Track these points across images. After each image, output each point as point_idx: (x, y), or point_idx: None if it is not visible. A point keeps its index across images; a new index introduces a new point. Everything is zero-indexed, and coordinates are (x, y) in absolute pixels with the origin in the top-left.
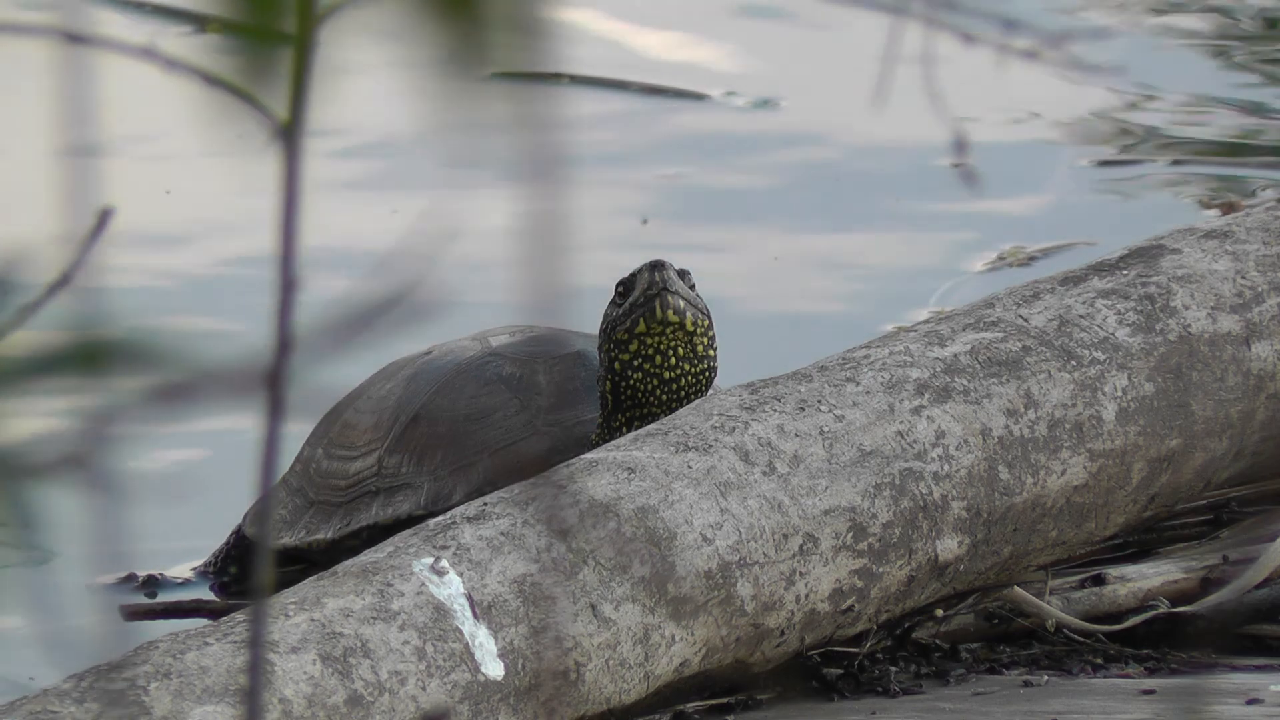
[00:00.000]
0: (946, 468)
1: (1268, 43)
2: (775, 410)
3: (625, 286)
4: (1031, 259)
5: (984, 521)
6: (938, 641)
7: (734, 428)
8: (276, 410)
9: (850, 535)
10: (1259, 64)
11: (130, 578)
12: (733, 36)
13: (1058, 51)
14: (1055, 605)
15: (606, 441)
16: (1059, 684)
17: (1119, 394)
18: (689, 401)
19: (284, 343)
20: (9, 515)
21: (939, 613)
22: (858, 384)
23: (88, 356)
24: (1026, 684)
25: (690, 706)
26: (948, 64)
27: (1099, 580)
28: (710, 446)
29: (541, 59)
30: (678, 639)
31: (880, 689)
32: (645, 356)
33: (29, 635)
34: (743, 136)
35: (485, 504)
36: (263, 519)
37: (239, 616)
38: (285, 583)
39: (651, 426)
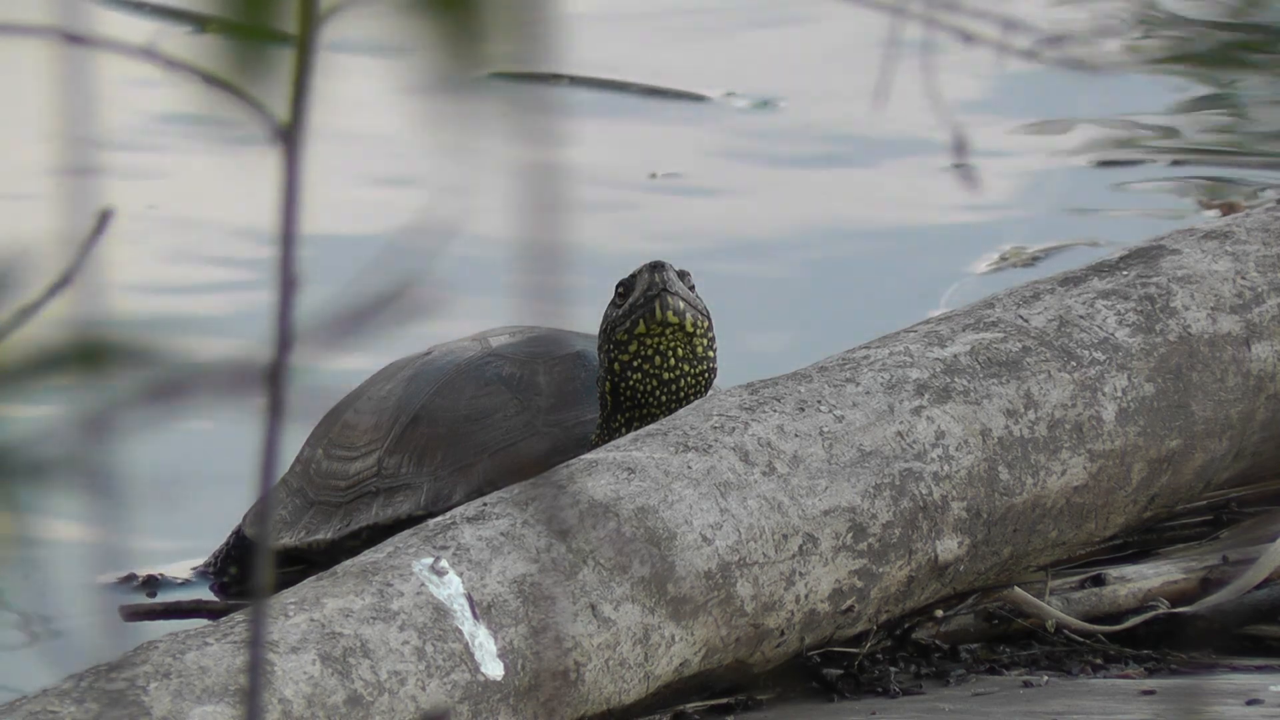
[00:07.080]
0: (946, 468)
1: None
2: (775, 411)
3: (625, 287)
4: (1034, 259)
5: (984, 522)
6: (938, 642)
7: (734, 428)
8: (276, 410)
9: (850, 535)
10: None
11: (130, 578)
12: (732, 36)
13: (1058, 51)
14: (1055, 605)
15: (606, 442)
16: (1059, 684)
17: (1119, 394)
18: (688, 402)
19: (284, 342)
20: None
21: (939, 613)
22: (857, 384)
23: (88, 356)
24: (1026, 684)
25: (690, 707)
26: (947, 61)
27: (1099, 581)
28: (710, 447)
29: (541, 59)
30: (677, 639)
31: (880, 689)
32: (645, 357)
33: (28, 636)
34: (742, 136)
35: (485, 504)
36: (263, 519)
37: (239, 616)
38: (285, 583)
39: (651, 427)
